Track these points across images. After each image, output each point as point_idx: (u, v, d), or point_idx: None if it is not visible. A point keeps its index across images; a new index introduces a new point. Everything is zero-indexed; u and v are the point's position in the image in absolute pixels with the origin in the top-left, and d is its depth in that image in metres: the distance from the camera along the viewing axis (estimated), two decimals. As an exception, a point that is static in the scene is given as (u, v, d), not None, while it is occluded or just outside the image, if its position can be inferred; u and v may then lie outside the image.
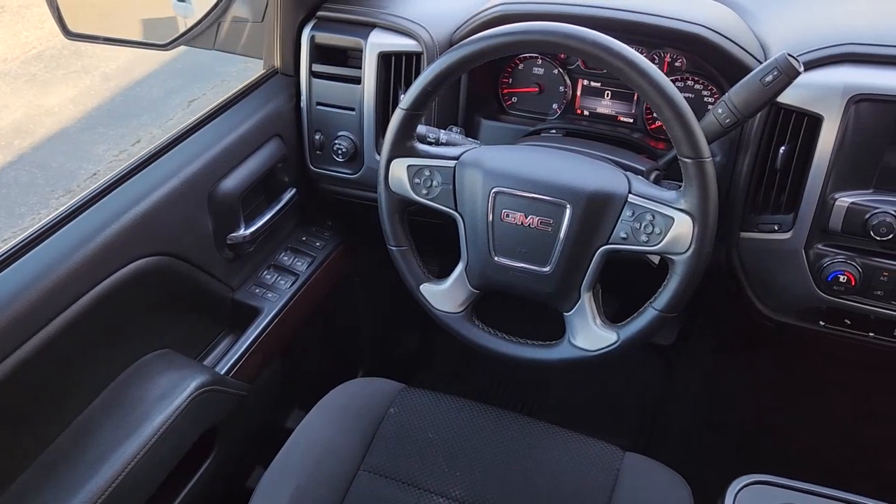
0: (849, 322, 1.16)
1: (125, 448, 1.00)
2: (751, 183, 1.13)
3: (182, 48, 1.39)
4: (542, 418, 1.85)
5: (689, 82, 1.25)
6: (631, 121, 1.30)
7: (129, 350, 1.11)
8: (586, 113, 1.33)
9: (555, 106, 1.34)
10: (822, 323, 1.18)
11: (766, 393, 1.74)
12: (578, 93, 1.33)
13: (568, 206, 1.01)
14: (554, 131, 1.24)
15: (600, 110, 1.32)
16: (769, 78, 0.98)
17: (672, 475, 1.14)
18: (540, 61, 1.33)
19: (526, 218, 1.03)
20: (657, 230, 0.97)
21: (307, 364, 1.58)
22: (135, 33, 1.37)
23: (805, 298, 1.15)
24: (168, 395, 1.08)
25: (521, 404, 1.89)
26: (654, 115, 1.18)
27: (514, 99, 1.37)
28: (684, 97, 1.24)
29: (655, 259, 1.04)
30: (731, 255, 1.19)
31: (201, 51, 1.41)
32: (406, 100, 1.04)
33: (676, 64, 1.25)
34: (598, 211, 1.00)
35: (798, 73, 0.97)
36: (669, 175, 1.11)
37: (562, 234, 1.02)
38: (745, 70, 1.04)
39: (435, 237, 1.23)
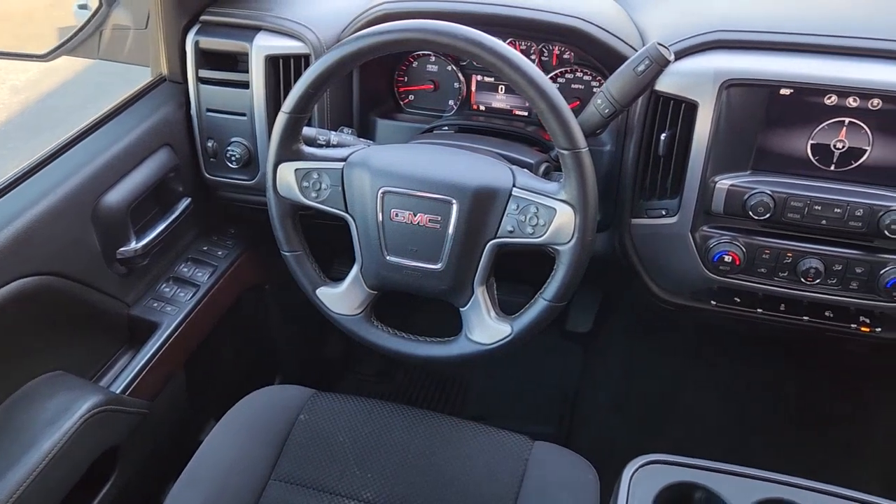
0: (738, 300, 1.20)
1: (10, 477, 0.96)
2: (637, 170, 1.15)
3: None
4: (465, 414, 1.87)
5: (578, 73, 1.27)
6: (525, 114, 1.32)
7: (15, 374, 1.07)
8: (482, 108, 1.34)
9: (451, 102, 1.35)
10: (713, 302, 1.21)
11: (675, 374, 1.79)
12: (473, 88, 1.34)
13: (454, 202, 1.01)
14: (446, 128, 1.25)
15: (495, 105, 1.33)
16: (642, 67, 1.00)
17: (579, 460, 1.16)
18: (433, 58, 1.33)
19: (415, 216, 1.03)
20: (541, 222, 0.99)
21: (219, 375, 1.55)
22: (10, 44, 1.32)
23: (696, 279, 1.19)
24: (58, 418, 1.04)
25: (443, 401, 1.89)
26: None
27: (411, 97, 1.37)
28: (575, 88, 1.28)
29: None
30: (625, 241, 1.21)
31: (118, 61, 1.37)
32: (288, 103, 1.03)
33: (565, 56, 1.26)
34: (483, 206, 1.01)
35: (668, 62, 1.00)
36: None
37: (450, 231, 1.02)
38: (624, 60, 1.06)
39: (332, 239, 1.22)
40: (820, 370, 1.78)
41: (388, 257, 1.06)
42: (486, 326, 1.06)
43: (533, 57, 1.27)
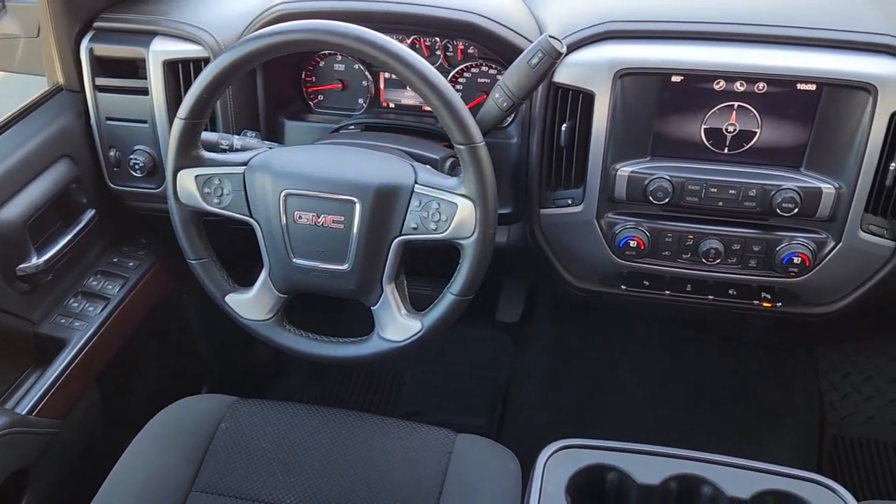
0: (647, 283, 1.23)
1: None
2: (542, 161, 1.17)
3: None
4: (398, 410, 1.87)
5: (483, 68, 1.28)
6: None
7: None
8: (392, 105, 1.34)
9: (360, 101, 1.35)
10: (623, 287, 1.24)
11: (602, 358, 1.83)
12: (382, 86, 1.33)
13: (357, 201, 1.01)
14: (353, 127, 1.24)
15: (404, 101, 1.33)
16: (535, 60, 1.01)
17: (502, 450, 1.17)
18: (340, 57, 1.33)
19: (318, 218, 1.03)
20: (443, 217, 0.99)
21: (138, 389, 1.52)
22: None
23: (604, 265, 1.21)
24: (-43, 445, 1.01)
25: (376, 399, 1.89)
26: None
27: (320, 97, 1.36)
28: (481, 83, 1.29)
29: None
30: (535, 231, 1.23)
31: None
32: (183, 109, 1.01)
33: (470, 51, 1.27)
34: (386, 204, 1.01)
35: (560, 54, 1.01)
36: None
37: (355, 231, 1.02)
38: (521, 53, 1.07)
39: (240, 244, 1.21)
40: (740, 347, 1.84)
41: (294, 260, 1.06)
42: (398, 324, 1.06)
43: (438, 53, 1.28)
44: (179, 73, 1.23)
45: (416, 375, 1.94)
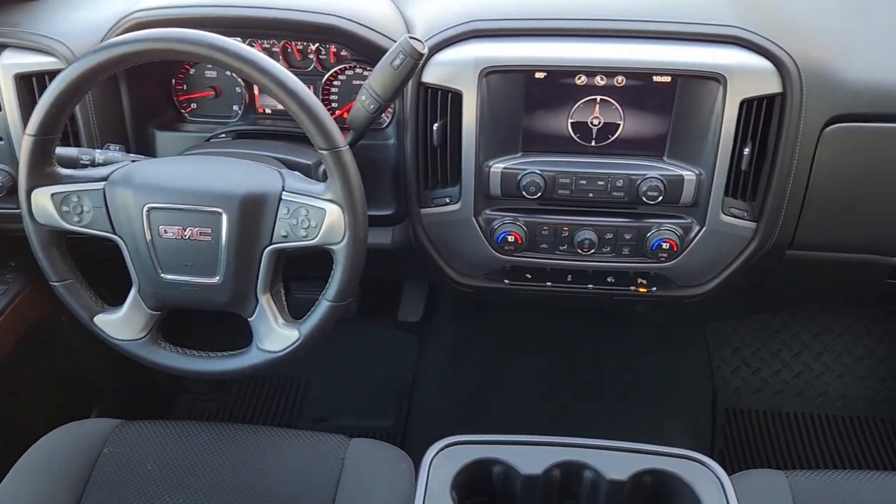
0: (529, 276, 1.26)
1: None
2: (417, 161, 1.17)
3: None
4: (304, 417, 1.85)
5: (357, 70, 1.27)
6: None
7: None
8: (268, 111, 1.32)
9: (235, 108, 1.32)
10: (506, 281, 1.26)
11: (501, 351, 1.85)
12: (256, 92, 1.31)
13: (223, 212, 0.99)
14: (224, 136, 1.22)
15: (280, 107, 1.31)
16: (397, 61, 1.01)
17: (395, 451, 1.17)
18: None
19: (184, 231, 1.00)
20: (313, 223, 0.98)
21: (18, 417, 1.44)
22: None
23: (486, 261, 1.23)
24: None
25: (281, 408, 1.87)
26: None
27: (193, 105, 1.32)
28: (356, 85, 1.28)
29: None
30: (418, 231, 1.23)
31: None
32: (31, 125, 0.97)
33: (343, 53, 1.26)
34: (254, 213, 0.99)
35: (421, 55, 1.01)
36: None
37: (223, 242, 1.00)
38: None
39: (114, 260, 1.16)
40: (633, 335, 1.91)
41: (163, 276, 1.03)
42: (275, 334, 1.05)
43: (311, 56, 1.26)
44: (34, 86, 1.17)
45: (323, 380, 1.93)
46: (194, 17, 1.12)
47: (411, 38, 1.01)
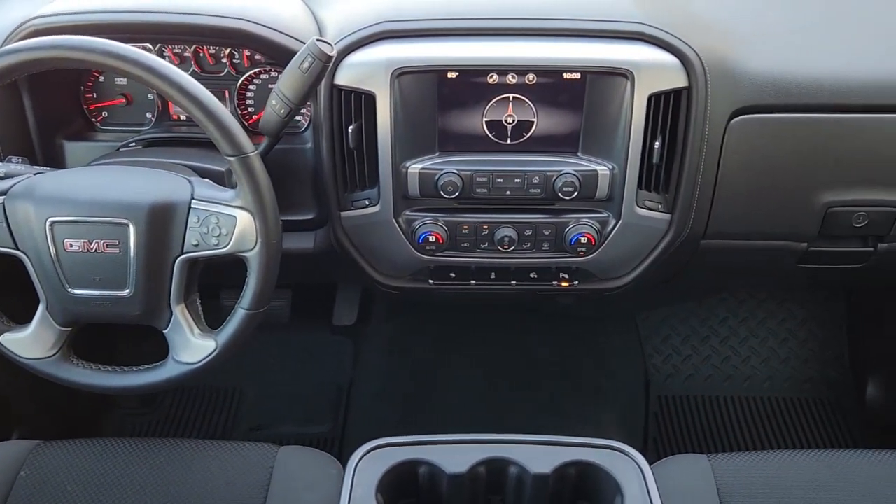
0: (453, 275, 1.26)
1: None
2: (334, 164, 1.16)
3: None
4: (241, 427, 1.82)
5: (272, 73, 1.26)
6: None
7: None
8: (182, 118, 1.29)
9: (148, 115, 1.28)
10: (431, 281, 1.26)
11: (436, 350, 1.86)
12: (169, 98, 1.28)
13: (130, 223, 0.96)
14: (134, 144, 1.19)
15: None
16: (306, 65, 1.00)
17: (324, 457, 1.16)
18: None
19: (90, 244, 0.97)
20: (224, 231, 0.97)
21: None
22: None
23: (409, 262, 1.23)
24: None
25: (216, 418, 1.84)
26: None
27: (104, 113, 1.29)
28: (271, 88, 1.26)
29: None
30: (339, 234, 1.22)
31: None
32: None
33: (256, 58, 1.24)
34: (162, 223, 0.97)
35: (330, 57, 1.01)
36: None
37: (132, 254, 0.97)
38: None
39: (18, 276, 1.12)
40: (566, 329, 1.93)
41: (71, 291, 0.99)
42: (191, 345, 1.03)
43: (223, 61, 1.24)
44: None
45: (259, 388, 1.90)
46: (96, 23, 1.08)
47: (319, 40, 1.00)
